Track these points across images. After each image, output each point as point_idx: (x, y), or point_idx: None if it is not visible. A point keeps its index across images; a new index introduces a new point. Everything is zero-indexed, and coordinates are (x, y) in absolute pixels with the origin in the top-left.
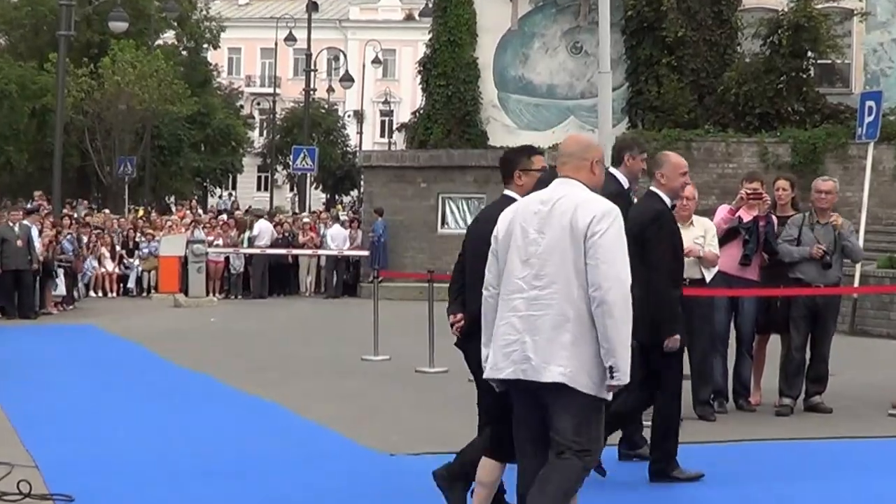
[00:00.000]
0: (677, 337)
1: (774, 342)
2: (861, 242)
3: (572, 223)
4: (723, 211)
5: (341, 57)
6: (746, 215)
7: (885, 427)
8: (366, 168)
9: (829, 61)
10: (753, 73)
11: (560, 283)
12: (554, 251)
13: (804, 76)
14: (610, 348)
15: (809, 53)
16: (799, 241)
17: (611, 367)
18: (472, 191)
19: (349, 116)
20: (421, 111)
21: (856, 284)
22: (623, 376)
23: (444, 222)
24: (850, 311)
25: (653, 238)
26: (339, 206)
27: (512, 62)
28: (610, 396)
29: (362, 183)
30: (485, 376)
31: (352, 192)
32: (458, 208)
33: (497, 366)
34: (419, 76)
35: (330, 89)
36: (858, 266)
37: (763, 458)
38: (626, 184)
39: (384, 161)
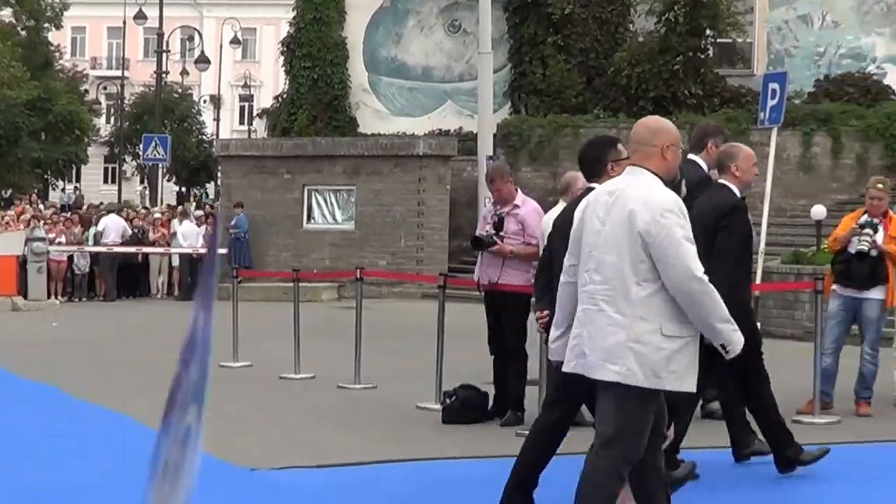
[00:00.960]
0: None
1: None
2: (763, 236)
3: (630, 218)
4: None
5: (196, 37)
6: None
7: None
8: (223, 158)
9: (730, 40)
10: (647, 54)
11: (616, 279)
12: (611, 245)
13: (702, 56)
14: (709, 332)
15: (708, 32)
16: None
17: (722, 346)
18: (340, 182)
19: (205, 102)
20: (284, 96)
21: (757, 281)
22: (733, 347)
23: (310, 217)
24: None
25: (728, 229)
26: (192, 201)
27: (384, 42)
28: (667, 387)
29: (219, 174)
30: (553, 364)
31: (208, 185)
32: (325, 201)
33: (567, 358)
34: (282, 57)
35: (184, 72)
36: (760, 262)
37: None
38: (706, 170)
39: (244, 150)
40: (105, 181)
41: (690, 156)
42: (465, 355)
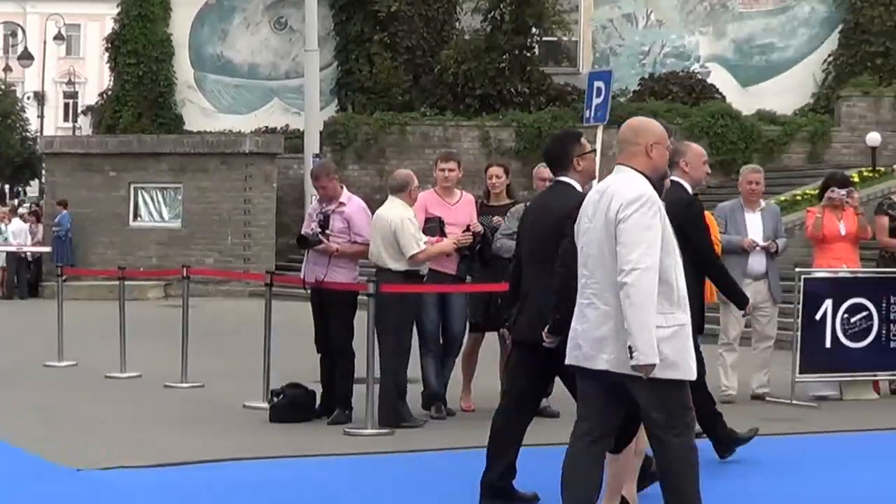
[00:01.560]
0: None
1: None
2: None
3: (607, 213)
4: None
5: (19, 32)
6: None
7: None
8: (48, 155)
9: (555, 39)
10: (473, 52)
11: (601, 272)
12: (595, 241)
13: (528, 55)
14: (629, 329)
15: (534, 30)
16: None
17: (630, 348)
18: (167, 180)
19: (28, 98)
20: (109, 93)
21: None
22: (642, 356)
23: (136, 215)
24: None
25: (694, 223)
26: (14, 200)
27: (209, 39)
28: (657, 375)
29: (44, 172)
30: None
31: (32, 182)
32: (152, 199)
33: (567, 351)
34: (107, 54)
35: (7, 68)
36: None
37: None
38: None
39: (68, 147)
40: None
41: (673, 178)
42: (292, 354)
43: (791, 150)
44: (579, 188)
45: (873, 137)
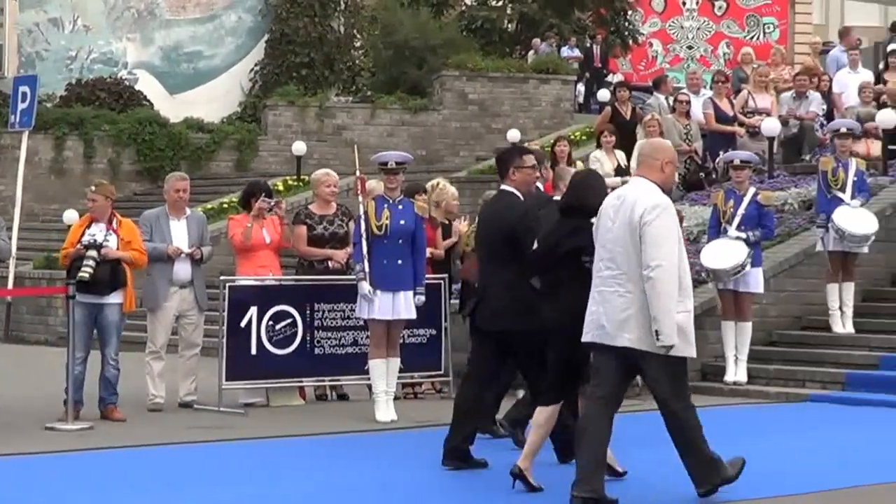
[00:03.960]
0: None
1: None
2: (14, 241)
3: (631, 216)
4: None
5: None
6: None
7: (45, 441)
8: None
9: None
10: None
11: (625, 266)
12: (620, 239)
13: None
14: (655, 316)
15: None
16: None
17: (656, 332)
18: None
19: None
20: None
21: (9, 286)
22: (666, 339)
23: None
24: (2, 317)
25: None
26: None
27: None
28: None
29: None
30: (583, 341)
31: None
32: None
33: (585, 330)
34: None
35: None
36: (12, 267)
37: None
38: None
39: None
40: None
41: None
42: None
43: (219, 158)
44: (519, 195)
45: (299, 147)
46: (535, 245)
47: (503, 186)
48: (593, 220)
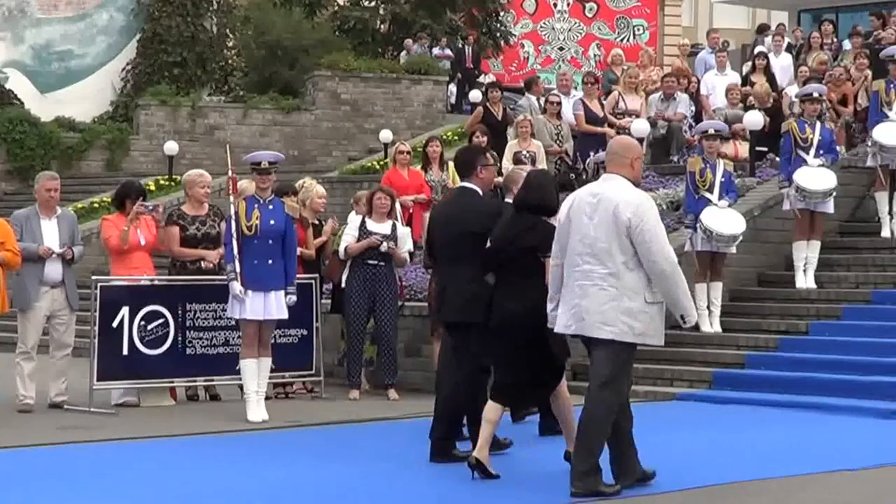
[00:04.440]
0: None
1: None
2: None
3: (615, 213)
4: None
5: None
6: None
7: None
8: None
9: None
10: None
11: (608, 261)
12: (601, 236)
13: None
14: (672, 303)
15: None
16: None
17: (681, 316)
18: None
19: None
20: None
21: None
22: (691, 318)
23: None
24: None
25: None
26: None
27: None
28: (648, 342)
29: None
30: (556, 331)
31: None
32: None
33: (565, 323)
34: None
35: None
36: None
37: None
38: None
39: None
40: None
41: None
42: None
43: (90, 158)
44: (481, 193)
45: (171, 146)
46: (489, 243)
47: (466, 184)
48: (552, 219)
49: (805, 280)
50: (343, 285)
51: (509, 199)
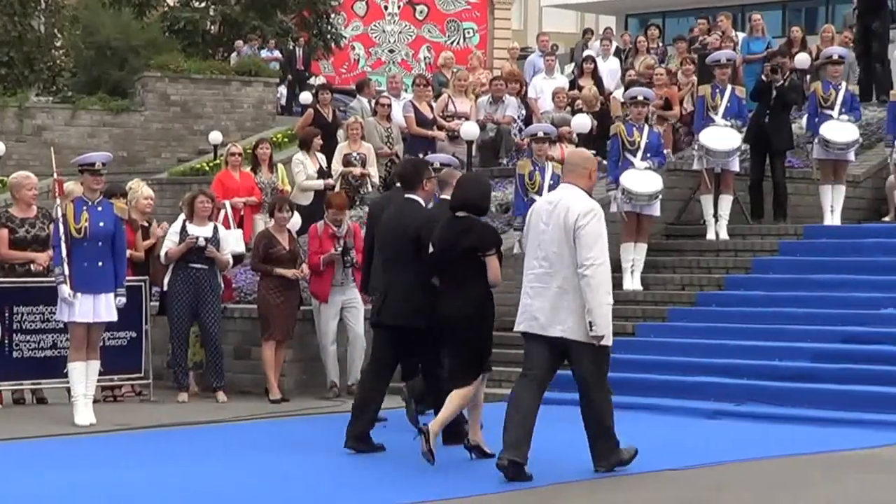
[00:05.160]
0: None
1: None
2: None
3: (565, 219)
4: None
5: None
6: None
7: None
8: None
9: None
10: None
11: (558, 264)
12: (554, 240)
13: None
14: (589, 309)
15: None
16: None
17: (590, 323)
18: None
19: None
20: None
21: None
22: (599, 330)
23: None
24: None
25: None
26: None
27: None
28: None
29: None
30: (514, 330)
31: None
32: None
33: (517, 322)
34: None
35: None
36: None
37: None
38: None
39: None
40: None
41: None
42: None
43: None
44: (423, 203)
45: None
46: (431, 248)
47: (410, 195)
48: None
49: (632, 282)
50: (166, 289)
51: (445, 196)
